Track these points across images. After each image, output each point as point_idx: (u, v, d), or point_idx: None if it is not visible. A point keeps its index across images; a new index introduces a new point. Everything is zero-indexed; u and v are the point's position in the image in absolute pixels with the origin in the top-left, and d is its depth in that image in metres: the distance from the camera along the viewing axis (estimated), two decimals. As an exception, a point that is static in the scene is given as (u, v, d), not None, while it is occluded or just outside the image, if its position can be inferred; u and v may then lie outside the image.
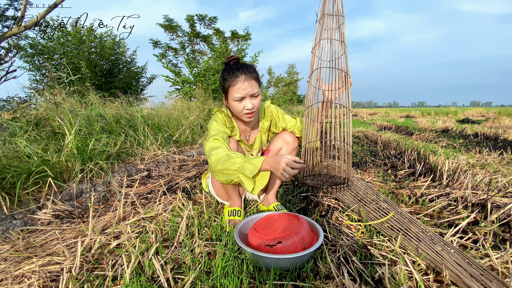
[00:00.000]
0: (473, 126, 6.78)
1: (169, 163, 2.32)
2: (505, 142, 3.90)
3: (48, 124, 1.80)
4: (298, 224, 1.06)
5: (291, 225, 1.08)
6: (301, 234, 1.01)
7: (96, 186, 1.70)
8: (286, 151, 1.42)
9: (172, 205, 1.52)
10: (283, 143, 1.42)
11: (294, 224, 1.07)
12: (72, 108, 2.14)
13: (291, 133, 1.42)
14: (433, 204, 1.58)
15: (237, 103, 1.21)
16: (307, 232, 1.05)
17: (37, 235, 1.29)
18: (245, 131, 1.44)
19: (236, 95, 1.18)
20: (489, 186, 1.76)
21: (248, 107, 1.20)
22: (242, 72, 1.19)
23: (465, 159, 2.78)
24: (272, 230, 1.07)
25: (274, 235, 1.02)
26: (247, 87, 1.18)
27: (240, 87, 1.17)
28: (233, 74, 1.18)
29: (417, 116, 12.05)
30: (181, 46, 11.99)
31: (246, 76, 1.19)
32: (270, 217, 1.21)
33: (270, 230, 1.07)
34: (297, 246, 0.98)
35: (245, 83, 1.18)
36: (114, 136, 2.05)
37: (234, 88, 1.18)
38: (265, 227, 1.11)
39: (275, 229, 1.07)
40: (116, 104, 2.77)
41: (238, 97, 1.19)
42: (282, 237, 1.00)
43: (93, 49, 8.84)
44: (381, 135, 4.84)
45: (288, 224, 1.09)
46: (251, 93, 1.20)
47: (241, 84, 1.17)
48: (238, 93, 1.18)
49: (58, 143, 1.69)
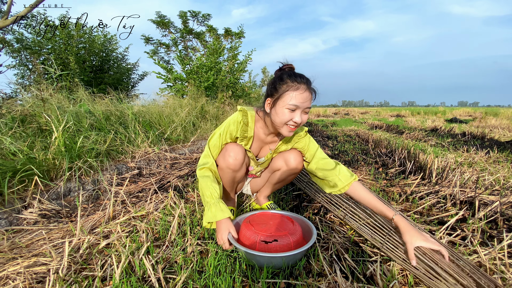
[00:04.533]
0: (461, 125, 6.95)
1: (160, 161, 2.28)
2: (491, 141, 4.00)
3: (34, 120, 1.74)
4: (293, 226, 1.08)
5: (285, 225, 1.08)
6: (296, 235, 1.02)
7: (85, 185, 1.66)
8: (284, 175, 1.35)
9: (164, 203, 1.50)
10: (284, 165, 1.32)
11: (289, 225, 1.08)
12: (60, 104, 2.07)
13: (298, 155, 1.30)
14: (422, 202, 1.60)
15: (287, 111, 1.07)
16: (301, 233, 1.06)
17: (22, 235, 1.25)
18: (262, 143, 1.33)
19: (291, 102, 1.05)
20: (477, 184, 1.80)
21: (296, 120, 1.08)
22: (305, 81, 1.08)
23: (453, 157, 2.84)
24: (267, 227, 1.07)
25: (270, 232, 1.02)
26: (306, 98, 1.07)
27: (300, 95, 1.05)
28: (296, 80, 1.07)
29: (407, 116, 12.27)
30: (174, 42, 11.83)
31: (308, 87, 1.09)
32: (264, 214, 1.21)
33: (265, 227, 1.07)
34: (291, 246, 0.98)
35: (306, 93, 1.07)
36: (104, 133, 2.00)
37: (293, 94, 1.05)
38: (259, 223, 1.11)
39: (270, 226, 1.07)
40: (106, 100, 2.71)
41: (292, 105, 1.06)
42: (278, 236, 1.00)
43: (82, 44, 8.63)
44: (372, 134, 4.90)
45: (282, 224, 1.09)
46: (306, 107, 1.09)
47: (303, 92, 1.06)
48: (296, 101, 1.05)
49: (45, 140, 1.63)
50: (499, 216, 1.34)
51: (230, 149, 1.23)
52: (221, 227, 1.08)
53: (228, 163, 1.22)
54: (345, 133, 5.32)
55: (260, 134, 1.28)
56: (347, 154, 3.17)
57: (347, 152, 3.33)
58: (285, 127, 1.11)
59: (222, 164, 1.24)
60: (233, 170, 1.25)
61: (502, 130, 5.27)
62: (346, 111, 25.47)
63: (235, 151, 1.22)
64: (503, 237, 1.16)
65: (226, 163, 1.22)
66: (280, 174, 1.36)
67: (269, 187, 1.48)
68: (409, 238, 0.95)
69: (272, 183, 1.44)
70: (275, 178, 1.40)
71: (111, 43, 9.58)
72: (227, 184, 1.33)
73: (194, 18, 10.66)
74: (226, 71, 8.97)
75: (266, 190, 1.51)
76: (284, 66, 1.18)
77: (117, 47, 10.20)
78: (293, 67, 1.17)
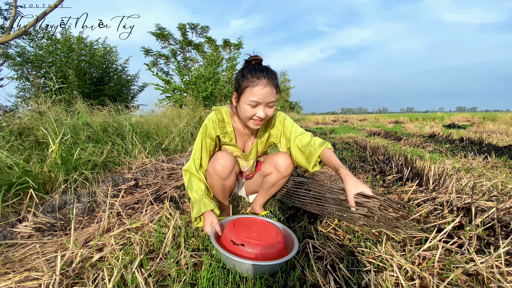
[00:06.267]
0: (459, 131, 6.96)
1: (157, 172, 2.28)
2: (489, 146, 4.00)
3: (32, 133, 1.75)
4: (274, 238, 1.03)
5: (265, 235, 1.05)
6: (270, 248, 0.99)
7: (81, 197, 1.65)
8: (275, 179, 1.36)
9: (159, 215, 1.49)
10: (273, 170, 1.34)
11: (269, 237, 1.04)
12: (57, 117, 2.09)
13: (286, 158, 1.30)
14: (420, 209, 1.59)
15: (248, 107, 1.08)
16: (279, 249, 1.02)
17: (16, 249, 1.24)
18: (243, 136, 1.33)
19: (252, 98, 1.06)
20: (474, 190, 1.79)
21: (260, 115, 1.08)
22: (266, 75, 1.06)
23: (451, 163, 2.83)
24: (246, 231, 1.06)
25: (243, 236, 1.01)
26: (266, 94, 1.06)
27: (259, 91, 1.05)
28: (256, 75, 1.05)
29: (406, 122, 12.31)
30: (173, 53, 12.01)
31: (269, 81, 1.07)
32: (255, 220, 1.19)
33: (245, 230, 1.06)
34: (256, 256, 0.97)
35: (266, 89, 1.05)
36: (101, 145, 2.01)
37: (253, 90, 1.05)
38: (243, 226, 1.10)
39: (249, 231, 1.06)
40: (104, 112, 2.73)
41: (253, 102, 1.06)
42: (248, 242, 0.99)
43: (82, 57, 8.76)
44: (370, 140, 4.91)
45: (263, 233, 1.06)
46: (268, 101, 1.08)
47: (262, 88, 1.05)
48: (256, 97, 1.05)
49: (41, 153, 1.64)
50: (496, 223, 1.33)
51: (219, 156, 1.24)
52: (204, 219, 1.14)
53: (217, 170, 1.22)
54: (343, 140, 5.33)
55: (239, 128, 1.30)
56: (345, 162, 3.17)
57: (345, 160, 3.33)
58: (251, 121, 1.13)
59: (211, 171, 1.25)
60: (221, 178, 1.24)
61: (500, 135, 5.28)
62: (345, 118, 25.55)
63: (224, 158, 1.23)
64: (500, 244, 1.15)
65: (215, 170, 1.23)
66: (271, 179, 1.38)
67: (263, 194, 1.47)
68: (349, 186, 1.04)
69: (265, 189, 1.44)
70: (267, 183, 1.41)
71: (111, 55, 9.73)
72: (218, 193, 1.33)
73: (193, 30, 10.85)
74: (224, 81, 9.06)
75: (261, 199, 1.51)
76: (250, 59, 1.15)
77: (117, 59, 10.36)
78: (260, 59, 1.14)
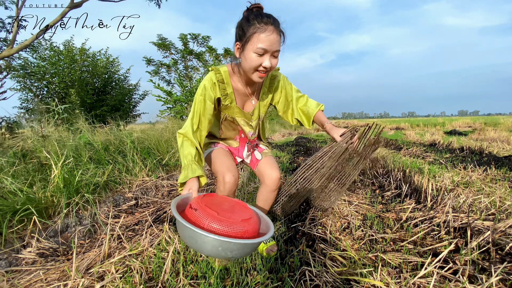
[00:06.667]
0: (460, 138, 6.96)
1: (157, 190, 2.31)
2: (490, 157, 4.01)
3: (35, 156, 1.80)
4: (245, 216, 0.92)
5: (235, 213, 0.93)
6: (231, 225, 0.85)
7: (82, 219, 1.69)
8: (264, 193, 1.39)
9: (159, 238, 1.52)
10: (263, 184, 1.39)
11: (242, 214, 0.92)
12: (60, 138, 2.14)
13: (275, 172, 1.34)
14: (417, 230, 1.61)
15: (255, 56, 1.03)
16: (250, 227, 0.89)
17: (21, 276, 1.27)
18: (244, 97, 1.27)
19: (259, 45, 1.00)
20: (471, 209, 1.81)
21: (266, 65, 1.04)
22: (273, 21, 1.01)
23: (450, 176, 2.85)
24: (217, 205, 0.94)
25: (200, 204, 0.90)
26: (274, 40, 1.01)
27: (267, 38, 0.99)
28: (263, 21, 1.00)
29: (407, 128, 12.31)
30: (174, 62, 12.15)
31: (275, 28, 1.02)
32: (229, 199, 1.07)
33: (212, 203, 0.95)
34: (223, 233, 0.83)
35: (274, 35, 1.00)
36: (103, 165, 2.05)
37: (261, 36, 0.99)
38: (215, 199, 0.99)
39: (220, 206, 0.94)
40: (106, 129, 2.78)
41: (261, 49, 1.00)
42: (203, 211, 0.87)
43: (85, 67, 8.90)
44: (371, 150, 4.93)
45: (233, 210, 0.94)
46: (275, 50, 1.04)
47: (269, 34, 0.99)
48: (263, 44, 1.00)
49: (44, 178, 1.68)
50: (491, 246, 1.35)
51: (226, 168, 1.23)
52: (186, 184, 1.04)
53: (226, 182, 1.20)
54: (344, 150, 5.35)
55: (239, 88, 1.23)
56: (345, 175, 3.19)
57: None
58: (255, 73, 1.08)
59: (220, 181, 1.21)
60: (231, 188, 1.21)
61: (501, 143, 5.27)
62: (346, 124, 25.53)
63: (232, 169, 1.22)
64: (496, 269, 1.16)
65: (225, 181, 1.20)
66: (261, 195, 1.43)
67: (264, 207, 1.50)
68: (334, 135, 1.25)
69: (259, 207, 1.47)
70: (259, 200, 1.46)
71: (113, 65, 9.87)
72: None
73: (194, 40, 11.01)
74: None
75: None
76: (252, 6, 1.09)
77: (119, 69, 10.50)
78: (261, 6, 1.09)
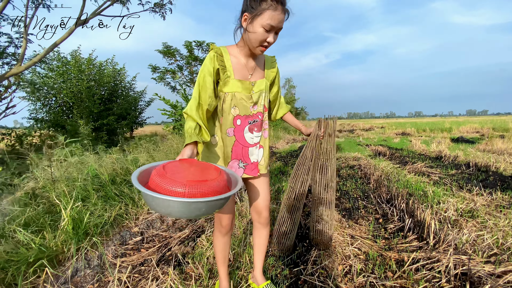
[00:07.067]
0: (467, 148, 6.88)
1: (162, 221, 2.36)
2: (496, 175, 3.97)
3: (45, 196, 1.87)
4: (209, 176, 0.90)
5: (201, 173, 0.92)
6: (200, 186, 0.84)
7: (91, 261, 1.74)
8: (258, 233, 1.50)
9: (164, 284, 1.56)
10: (253, 215, 1.48)
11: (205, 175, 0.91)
12: (69, 174, 2.22)
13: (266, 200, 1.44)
14: (418, 277, 1.62)
15: (262, 31, 1.13)
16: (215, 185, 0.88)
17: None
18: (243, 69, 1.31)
19: (268, 22, 1.11)
20: (472, 250, 1.81)
21: (270, 40, 1.16)
22: (283, 2, 1.13)
23: (454, 203, 2.84)
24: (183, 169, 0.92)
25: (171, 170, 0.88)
26: (282, 19, 1.13)
27: (277, 16, 1.11)
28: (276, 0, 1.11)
29: (413, 134, 12.21)
30: (179, 68, 12.26)
31: (284, 8, 1.14)
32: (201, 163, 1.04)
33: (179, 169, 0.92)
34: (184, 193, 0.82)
35: (282, 15, 1.13)
36: (110, 201, 2.11)
37: (271, 14, 1.10)
38: (179, 164, 0.96)
39: (191, 171, 0.93)
40: (112, 158, 2.84)
41: (268, 25, 1.11)
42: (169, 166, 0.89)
43: (91, 76, 9.06)
44: (375, 165, 4.92)
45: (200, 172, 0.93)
46: (280, 27, 1.16)
47: (280, 13, 1.11)
48: (272, 21, 1.11)
49: (55, 218, 1.74)
50: (492, 302, 1.35)
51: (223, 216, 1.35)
52: (181, 151, 1.09)
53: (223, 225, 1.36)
54: (348, 164, 5.35)
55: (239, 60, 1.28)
56: (349, 198, 3.20)
57: (348, 193, 3.36)
58: (258, 47, 1.18)
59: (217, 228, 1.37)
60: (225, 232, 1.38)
61: (509, 157, 5.20)
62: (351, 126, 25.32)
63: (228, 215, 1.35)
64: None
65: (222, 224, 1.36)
66: (255, 233, 1.51)
67: (257, 253, 1.55)
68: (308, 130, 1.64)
69: (256, 249, 1.54)
70: (254, 241, 1.53)
71: (119, 74, 10.02)
72: (219, 254, 1.44)
73: (199, 47, 11.09)
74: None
75: (258, 261, 1.56)
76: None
77: (125, 77, 10.64)
78: None
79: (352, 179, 4.16)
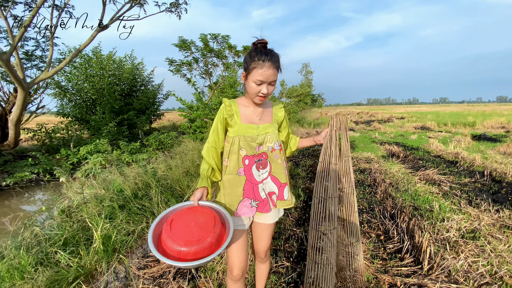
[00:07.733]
0: (487, 149, 6.65)
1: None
2: (509, 187, 3.92)
3: (80, 216, 2.17)
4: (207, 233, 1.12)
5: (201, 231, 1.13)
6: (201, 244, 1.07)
7: (119, 274, 2.04)
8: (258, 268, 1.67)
9: (180, 300, 1.82)
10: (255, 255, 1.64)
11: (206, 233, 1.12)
12: (97, 194, 2.51)
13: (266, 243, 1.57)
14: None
15: (254, 85, 1.31)
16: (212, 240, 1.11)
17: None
18: (252, 114, 1.49)
19: (258, 78, 1.28)
20: (464, 277, 1.92)
21: (264, 92, 1.32)
22: (270, 58, 1.28)
23: (459, 221, 2.90)
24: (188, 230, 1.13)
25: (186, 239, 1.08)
26: (270, 74, 1.28)
27: (264, 72, 1.27)
28: (261, 58, 1.27)
29: (433, 128, 11.80)
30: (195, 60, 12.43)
31: (272, 64, 1.28)
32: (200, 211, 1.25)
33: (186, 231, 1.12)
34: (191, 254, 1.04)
35: (270, 70, 1.27)
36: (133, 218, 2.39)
37: (259, 71, 1.27)
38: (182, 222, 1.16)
39: (191, 228, 1.13)
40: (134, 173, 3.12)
41: (258, 81, 1.29)
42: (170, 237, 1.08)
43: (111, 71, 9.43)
44: (385, 170, 4.95)
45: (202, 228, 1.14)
46: (271, 80, 1.31)
47: (266, 70, 1.27)
48: (261, 77, 1.28)
49: (88, 235, 2.04)
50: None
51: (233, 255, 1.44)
52: (194, 193, 1.36)
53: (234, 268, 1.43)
54: (359, 167, 5.40)
55: (246, 106, 1.49)
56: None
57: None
58: (256, 97, 1.38)
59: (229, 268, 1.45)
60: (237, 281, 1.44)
61: (529, 163, 5.04)
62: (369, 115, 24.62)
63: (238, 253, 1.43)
64: None
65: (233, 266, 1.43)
66: (256, 268, 1.68)
67: (259, 285, 1.74)
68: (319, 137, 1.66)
69: (257, 281, 1.72)
70: (256, 274, 1.71)
71: (138, 69, 10.34)
72: None
73: (214, 40, 11.13)
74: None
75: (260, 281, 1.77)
76: (257, 42, 1.33)
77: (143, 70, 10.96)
78: (265, 42, 1.33)
79: (361, 186, 4.25)
